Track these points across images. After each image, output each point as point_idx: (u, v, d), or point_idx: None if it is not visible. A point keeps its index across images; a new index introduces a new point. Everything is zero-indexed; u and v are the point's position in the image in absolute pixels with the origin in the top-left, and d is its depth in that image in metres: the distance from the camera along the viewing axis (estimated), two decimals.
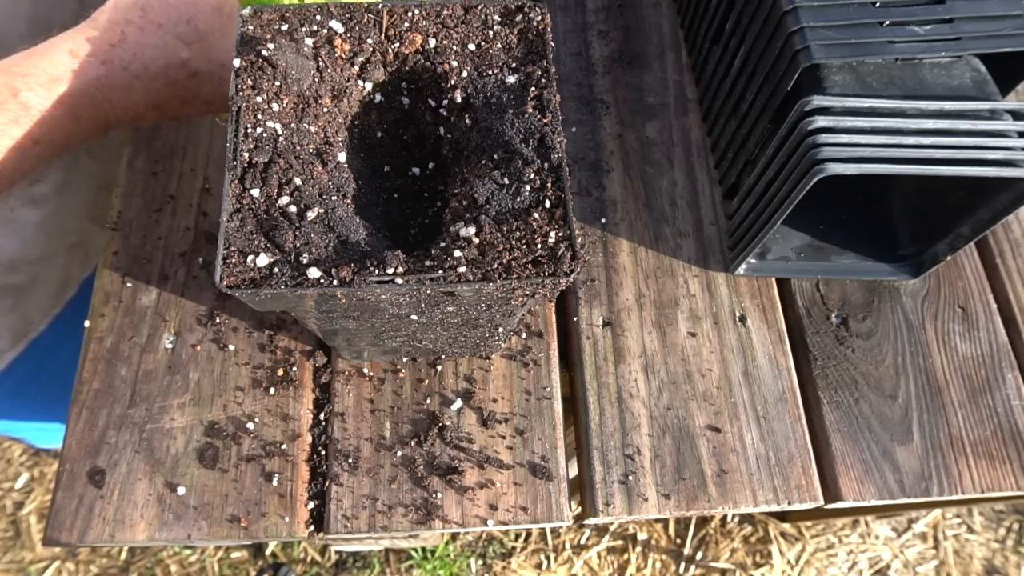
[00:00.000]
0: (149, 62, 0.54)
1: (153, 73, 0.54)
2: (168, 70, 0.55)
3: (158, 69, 0.54)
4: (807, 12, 0.56)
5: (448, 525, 0.57)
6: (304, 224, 0.43)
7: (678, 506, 0.60)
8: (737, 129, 0.68)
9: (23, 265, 0.78)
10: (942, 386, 0.66)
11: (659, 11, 0.84)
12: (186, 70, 0.55)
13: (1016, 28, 0.55)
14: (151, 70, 0.54)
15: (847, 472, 0.62)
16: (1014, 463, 0.63)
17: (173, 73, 0.55)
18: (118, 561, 1.48)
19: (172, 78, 0.55)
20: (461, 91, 0.49)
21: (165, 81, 0.55)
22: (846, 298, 0.69)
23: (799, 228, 0.70)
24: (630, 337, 0.66)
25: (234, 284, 0.41)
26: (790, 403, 0.64)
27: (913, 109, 0.55)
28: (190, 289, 0.65)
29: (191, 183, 0.70)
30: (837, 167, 0.53)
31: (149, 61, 0.54)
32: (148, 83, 0.54)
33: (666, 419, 0.63)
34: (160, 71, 0.54)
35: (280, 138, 0.46)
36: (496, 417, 0.61)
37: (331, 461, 0.59)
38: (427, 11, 0.50)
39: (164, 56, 0.54)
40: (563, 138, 0.46)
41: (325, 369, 0.63)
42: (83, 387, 0.61)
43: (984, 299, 0.70)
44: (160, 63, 0.54)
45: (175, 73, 0.55)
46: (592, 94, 0.78)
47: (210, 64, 0.56)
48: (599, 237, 0.70)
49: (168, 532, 0.56)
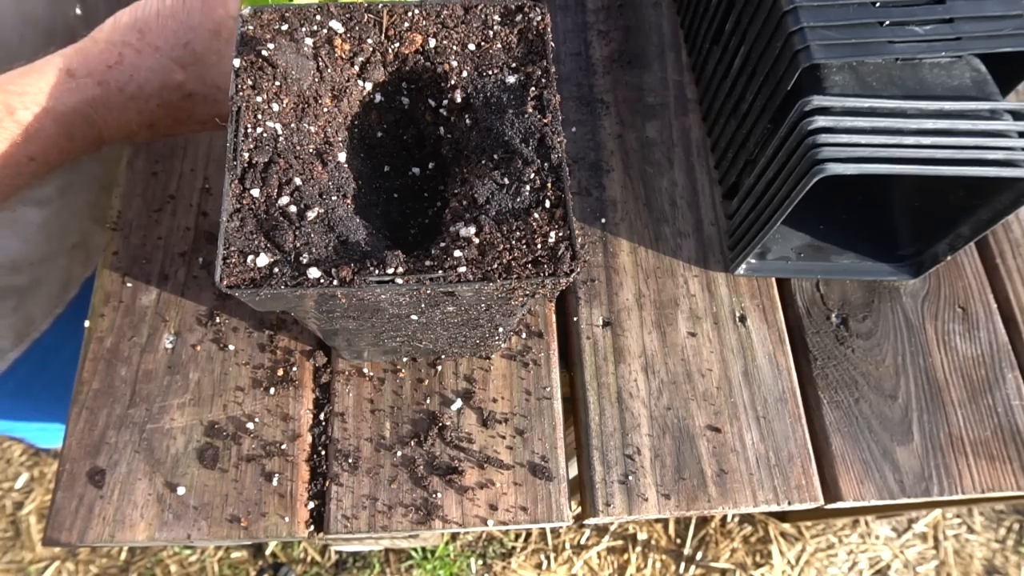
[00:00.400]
0: (144, 83, 0.54)
1: (148, 94, 0.54)
2: (163, 92, 0.55)
3: (153, 90, 0.54)
4: (807, 12, 0.56)
5: (448, 525, 0.57)
6: (304, 224, 0.43)
7: (678, 506, 0.60)
8: (737, 129, 0.68)
9: (25, 266, 0.78)
10: (942, 386, 0.66)
11: (659, 11, 0.84)
12: (181, 92, 0.55)
13: (1016, 28, 0.55)
14: (146, 91, 0.54)
15: (847, 472, 0.62)
16: (1014, 463, 0.63)
17: (168, 95, 0.55)
18: (118, 561, 1.48)
19: (167, 99, 0.55)
20: (461, 91, 0.49)
21: (159, 102, 0.55)
22: (846, 298, 0.69)
23: (799, 228, 0.70)
24: (630, 337, 0.66)
25: (234, 284, 0.41)
26: (790, 403, 0.64)
27: (913, 109, 0.55)
28: (190, 289, 0.65)
29: (191, 183, 0.70)
30: (837, 167, 0.53)
31: (144, 82, 0.54)
32: (143, 104, 0.55)
33: (666, 419, 0.63)
34: (155, 92, 0.54)
35: (280, 138, 0.46)
36: (496, 417, 0.61)
37: (331, 461, 0.59)
38: (427, 11, 0.50)
39: (160, 78, 0.54)
40: (563, 138, 0.46)
41: (325, 369, 0.63)
42: (83, 387, 0.61)
43: (984, 299, 0.70)
44: (155, 85, 0.54)
45: (170, 95, 0.55)
46: (592, 94, 0.78)
47: (205, 86, 0.56)
48: (599, 237, 0.70)
49: (168, 532, 0.56)
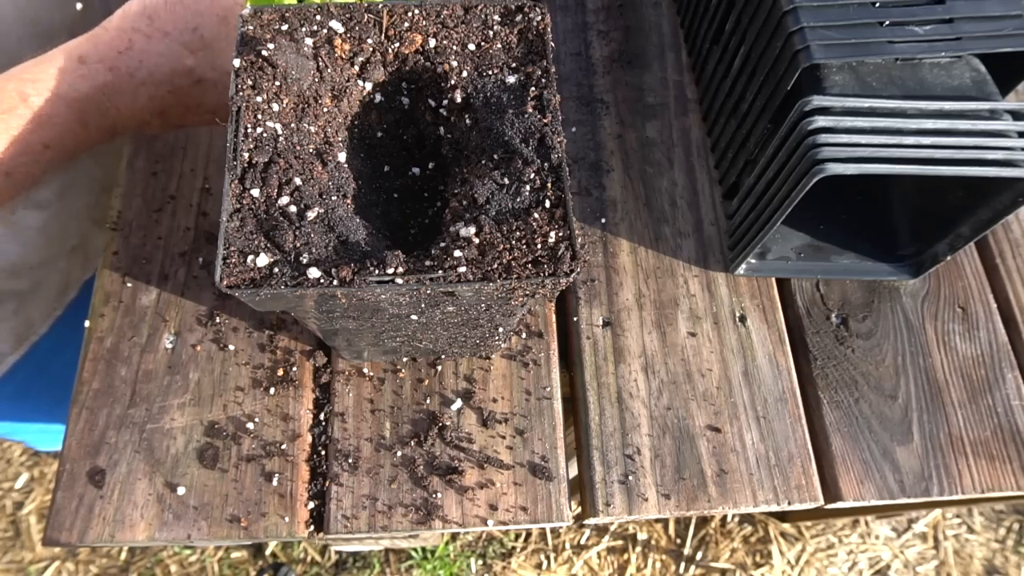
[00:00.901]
0: (155, 69, 0.55)
1: (158, 80, 0.55)
2: (173, 77, 0.55)
3: (163, 76, 0.55)
4: (807, 12, 0.56)
5: (448, 525, 0.57)
6: (304, 224, 0.43)
7: (678, 506, 0.60)
8: (737, 129, 0.68)
9: (25, 270, 0.78)
10: (942, 386, 0.66)
11: (659, 11, 0.84)
12: (191, 77, 0.56)
13: (1016, 28, 0.55)
14: (156, 77, 0.55)
15: (847, 472, 0.62)
16: (1014, 463, 0.63)
17: (178, 80, 0.56)
18: (118, 561, 1.48)
19: (177, 85, 0.56)
20: (461, 91, 0.49)
21: (170, 88, 0.56)
22: (846, 298, 0.69)
23: (799, 228, 0.70)
24: (630, 337, 0.66)
25: (234, 284, 0.41)
26: (790, 403, 0.64)
27: (913, 109, 0.55)
28: (190, 289, 0.65)
29: (191, 183, 0.70)
30: (837, 167, 0.53)
31: (155, 68, 0.55)
32: (153, 89, 0.55)
33: (666, 419, 0.63)
34: (165, 78, 0.55)
35: (280, 138, 0.46)
36: (496, 417, 0.61)
37: (331, 461, 0.59)
38: (427, 11, 0.50)
39: (170, 63, 0.55)
40: (563, 138, 0.46)
41: (325, 369, 0.63)
42: (83, 387, 0.61)
43: (984, 299, 0.70)
44: (166, 70, 0.55)
45: (180, 80, 0.56)
46: (592, 94, 0.78)
47: (215, 72, 0.56)
48: (599, 237, 0.70)
49: (168, 532, 0.56)
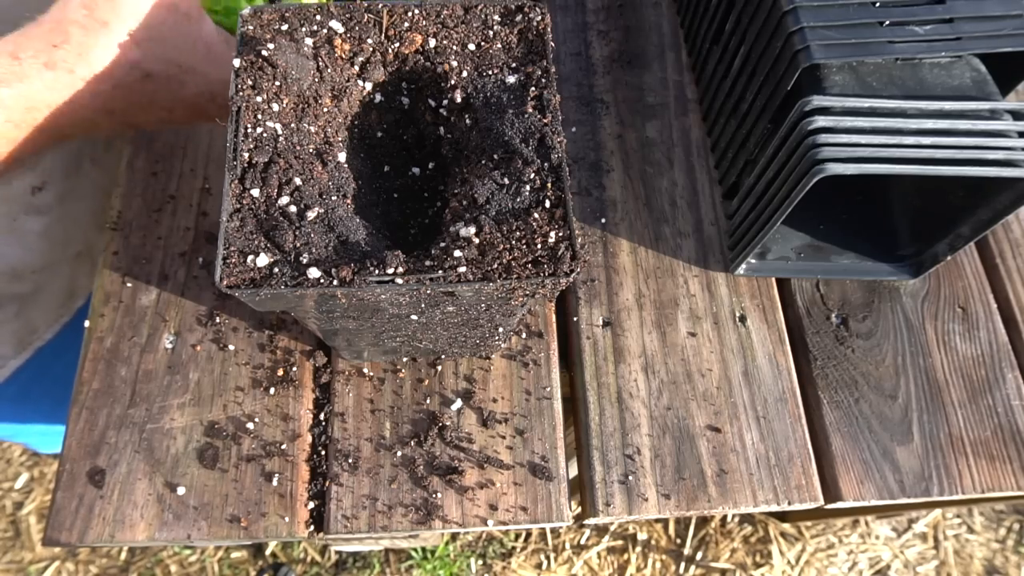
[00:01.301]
0: (95, 63, 0.50)
1: (101, 75, 0.50)
2: (116, 70, 0.51)
3: (105, 70, 0.50)
4: (807, 12, 0.56)
5: (448, 525, 0.57)
6: (304, 224, 0.43)
7: (678, 506, 0.60)
8: (737, 129, 0.68)
9: (27, 274, 0.78)
10: (942, 386, 0.66)
11: (659, 11, 0.84)
12: (138, 71, 0.52)
13: (1016, 28, 0.55)
14: (96, 71, 0.50)
15: (847, 472, 0.62)
16: (1014, 463, 0.63)
17: (122, 74, 0.51)
18: (118, 561, 1.48)
19: (122, 80, 0.52)
20: (461, 91, 0.49)
21: (114, 83, 0.51)
22: (846, 298, 0.69)
23: (799, 228, 0.70)
24: (630, 337, 0.66)
25: (234, 284, 0.41)
26: (790, 403, 0.64)
27: (913, 109, 0.55)
28: (190, 289, 0.65)
29: (191, 183, 0.70)
30: (837, 167, 0.53)
31: (95, 62, 0.50)
32: (95, 86, 0.51)
33: (666, 419, 0.63)
34: (107, 73, 0.51)
35: (280, 138, 0.46)
36: (496, 417, 0.61)
37: (331, 461, 0.59)
38: (427, 11, 0.50)
39: (110, 56, 0.50)
40: (563, 138, 0.46)
41: (325, 369, 0.63)
42: (83, 387, 0.61)
43: (984, 299, 0.70)
44: (106, 63, 0.50)
45: (125, 75, 0.51)
46: (592, 94, 0.78)
47: (166, 65, 0.52)
48: (599, 237, 0.70)
49: (168, 532, 0.56)
